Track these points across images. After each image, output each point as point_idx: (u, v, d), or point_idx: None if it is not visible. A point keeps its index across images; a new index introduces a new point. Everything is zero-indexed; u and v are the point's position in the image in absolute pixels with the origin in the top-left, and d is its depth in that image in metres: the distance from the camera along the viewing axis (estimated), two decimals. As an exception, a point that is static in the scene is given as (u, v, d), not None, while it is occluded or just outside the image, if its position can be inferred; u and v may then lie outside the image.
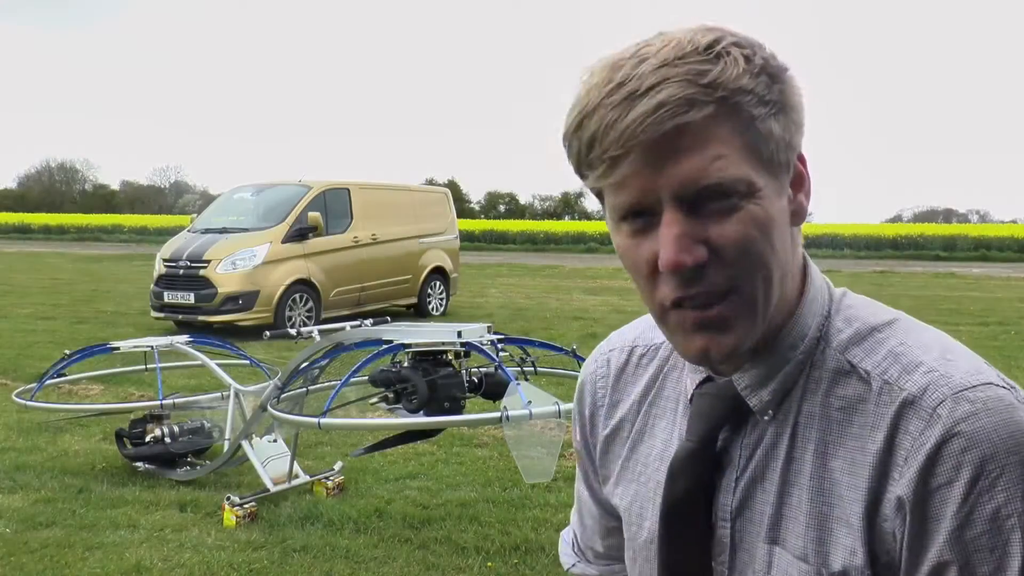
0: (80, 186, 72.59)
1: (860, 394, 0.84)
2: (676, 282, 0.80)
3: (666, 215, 0.79)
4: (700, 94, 0.75)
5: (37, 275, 20.20)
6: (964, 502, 0.77)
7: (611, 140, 0.77)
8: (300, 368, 4.20)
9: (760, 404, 0.88)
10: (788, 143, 0.81)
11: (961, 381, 0.80)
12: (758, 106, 0.77)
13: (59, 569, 3.76)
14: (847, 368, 0.85)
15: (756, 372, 0.88)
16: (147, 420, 5.07)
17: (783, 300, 0.86)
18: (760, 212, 0.79)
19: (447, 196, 14.73)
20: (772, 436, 0.88)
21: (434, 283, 13.77)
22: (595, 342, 1.10)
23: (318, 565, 3.83)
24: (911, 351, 0.84)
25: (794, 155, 0.83)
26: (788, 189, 0.84)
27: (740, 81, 0.76)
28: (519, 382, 3.46)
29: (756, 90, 0.77)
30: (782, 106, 0.80)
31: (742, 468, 0.90)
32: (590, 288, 18.90)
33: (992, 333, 11.28)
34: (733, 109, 0.77)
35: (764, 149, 0.79)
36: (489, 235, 42.06)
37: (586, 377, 1.10)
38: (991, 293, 18.22)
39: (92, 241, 41.60)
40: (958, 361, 0.83)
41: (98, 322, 12.05)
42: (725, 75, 0.76)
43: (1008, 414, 0.78)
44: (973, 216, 64.92)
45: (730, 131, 0.77)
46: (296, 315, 11.49)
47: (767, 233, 0.80)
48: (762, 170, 0.79)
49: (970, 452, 0.77)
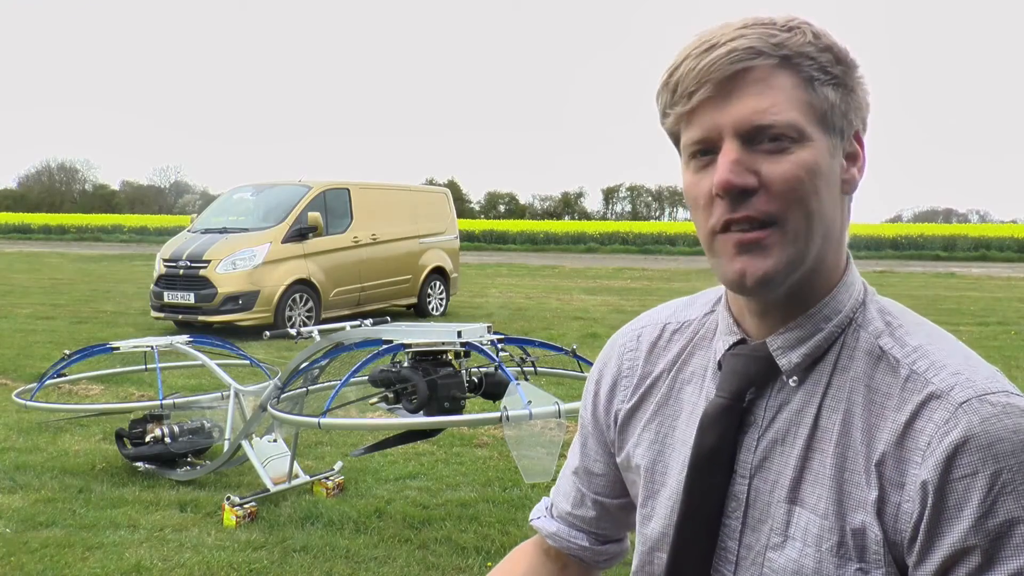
0: (80, 186, 72.61)
1: (888, 378, 0.91)
2: (726, 205, 0.90)
3: (726, 146, 0.90)
4: (768, 48, 0.89)
5: (37, 275, 20.20)
6: (988, 493, 0.83)
7: (690, 78, 0.91)
8: (300, 368, 4.20)
9: (789, 366, 0.95)
10: (844, 113, 0.92)
11: (984, 386, 0.88)
12: (818, 71, 0.90)
13: (59, 569, 3.76)
14: (878, 352, 0.93)
15: (789, 335, 0.95)
16: (147, 420, 5.07)
17: (824, 271, 0.95)
18: (808, 157, 0.89)
19: (447, 196, 14.73)
20: (799, 402, 0.95)
21: (434, 283, 13.77)
22: (595, 342, 1.12)
23: (318, 565, 3.83)
24: (938, 352, 0.92)
25: (851, 129, 0.94)
26: (841, 156, 0.94)
27: (805, 48, 0.89)
28: (519, 382, 3.46)
29: (819, 59, 0.90)
30: (842, 82, 0.91)
31: (764, 428, 0.97)
32: (590, 288, 18.90)
33: (992, 333, 11.28)
34: (795, 67, 0.90)
35: (819, 108, 0.90)
36: (489, 235, 42.07)
37: (614, 350, 1.16)
38: (991, 293, 18.21)
39: (92, 241, 41.60)
40: (979, 368, 0.91)
41: (98, 322, 12.05)
42: (792, 40, 0.89)
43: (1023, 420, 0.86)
44: (973, 216, 64.97)
45: (790, 84, 0.89)
46: (296, 315, 11.49)
47: (813, 179, 0.90)
48: (816, 124, 0.90)
49: (994, 448, 0.84)
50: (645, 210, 70.06)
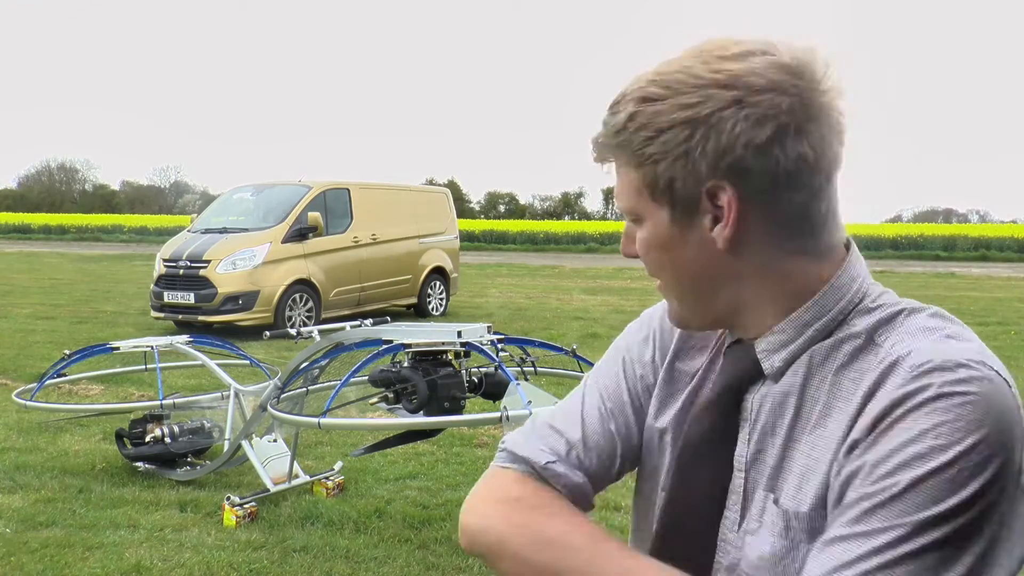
0: (80, 186, 72.60)
1: (868, 366, 0.91)
2: None
3: None
4: (604, 138, 0.98)
5: (37, 275, 20.20)
6: (903, 442, 0.83)
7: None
8: (300, 368, 4.20)
9: (771, 369, 0.98)
10: (681, 179, 0.93)
11: (954, 354, 0.86)
12: (634, 155, 0.95)
13: (59, 569, 3.76)
14: (871, 343, 0.93)
15: (773, 339, 0.98)
16: (147, 420, 5.07)
17: (783, 292, 0.97)
18: (645, 235, 0.99)
19: (447, 196, 14.73)
20: (781, 395, 0.97)
21: (434, 283, 13.77)
22: (595, 342, 1.14)
23: (318, 565, 3.83)
24: (925, 330, 0.91)
25: (699, 189, 0.93)
26: (700, 219, 0.95)
27: (619, 136, 0.95)
28: (519, 382, 3.46)
29: (632, 141, 0.94)
30: (667, 153, 0.92)
31: (754, 422, 0.98)
32: (590, 288, 18.90)
33: (992, 333, 11.27)
34: (618, 156, 0.98)
35: (649, 183, 0.95)
36: (489, 235, 42.08)
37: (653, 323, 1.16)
38: (991, 293, 18.22)
39: (92, 241, 41.60)
40: (962, 342, 0.89)
41: (98, 322, 12.05)
42: (611, 129, 0.96)
43: (984, 393, 0.83)
44: (973, 216, 64.95)
45: (626, 168, 0.97)
46: (296, 315, 11.49)
47: (655, 251, 0.99)
48: (649, 200, 0.96)
49: (933, 410, 0.82)
50: (645, 210, 69.78)
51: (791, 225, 0.94)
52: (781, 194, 0.92)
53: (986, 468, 0.81)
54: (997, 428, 0.82)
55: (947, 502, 0.81)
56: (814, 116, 0.91)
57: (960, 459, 0.81)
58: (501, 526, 1.01)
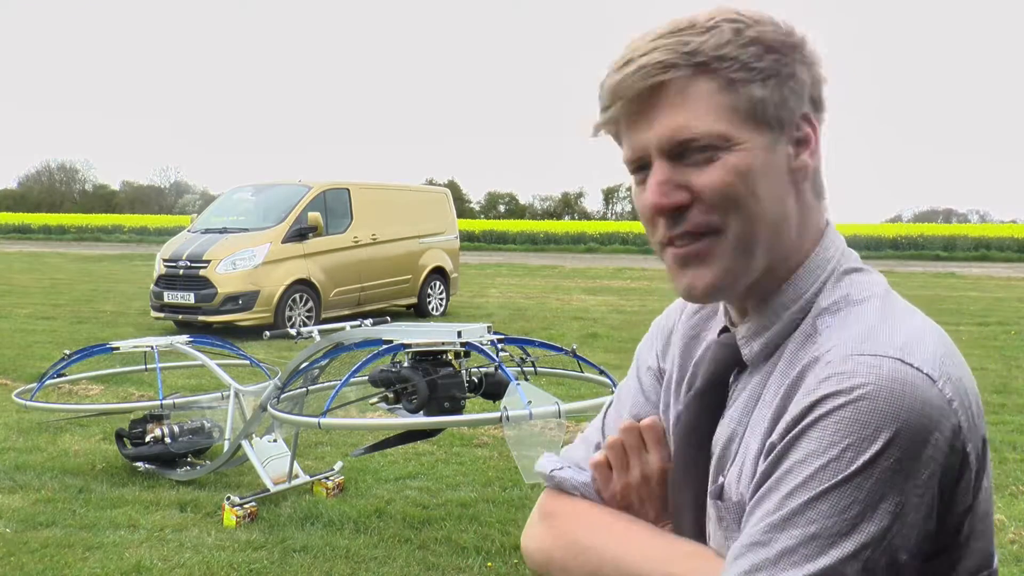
0: (80, 186, 72.59)
1: (804, 358, 0.90)
2: (665, 223, 0.92)
3: (655, 164, 0.91)
4: (679, 59, 0.88)
5: (37, 275, 20.20)
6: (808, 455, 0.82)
7: (605, 93, 0.92)
8: (300, 368, 4.21)
9: (750, 355, 0.96)
10: (781, 103, 0.89)
11: (866, 347, 0.84)
12: (742, 71, 0.88)
13: (59, 569, 3.76)
14: (815, 332, 0.92)
15: (750, 325, 0.96)
16: (147, 420, 5.07)
17: (785, 256, 0.93)
18: (738, 162, 0.88)
19: (447, 196, 14.73)
20: (754, 386, 0.96)
21: (434, 283, 13.77)
22: (595, 342, 1.13)
23: (318, 565, 3.83)
24: (861, 324, 0.88)
25: (793, 116, 0.91)
26: (787, 147, 0.91)
27: (722, 50, 0.87)
28: (519, 382, 3.46)
29: (739, 57, 0.88)
30: (774, 72, 0.89)
31: (729, 410, 0.98)
32: (590, 288, 18.90)
33: (992, 333, 11.27)
34: (712, 72, 0.88)
35: (746, 107, 0.88)
36: (489, 235, 42.06)
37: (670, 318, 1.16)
38: (991, 293, 18.22)
39: (92, 241, 41.59)
40: (882, 335, 0.86)
41: (98, 322, 12.05)
42: (708, 44, 0.88)
43: (889, 396, 0.81)
44: (973, 216, 64.87)
45: (709, 91, 0.88)
46: (296, 315, 11.49)
47: (747, 181, 0.89)
48: (744, 125, 0.89)
49: (839, 420, 0.81)
50: (645, 210, 69.78)
51: (817, 178, 0.96)
52: (819, 143, 0.94)
53: (902, 473, 0.80)
54: (907, 429, 0.80)
55: (858, 511, 0.80)
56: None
57: (870, 466, 0.80)
58: (546, 543, 1.05)
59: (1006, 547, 4.05)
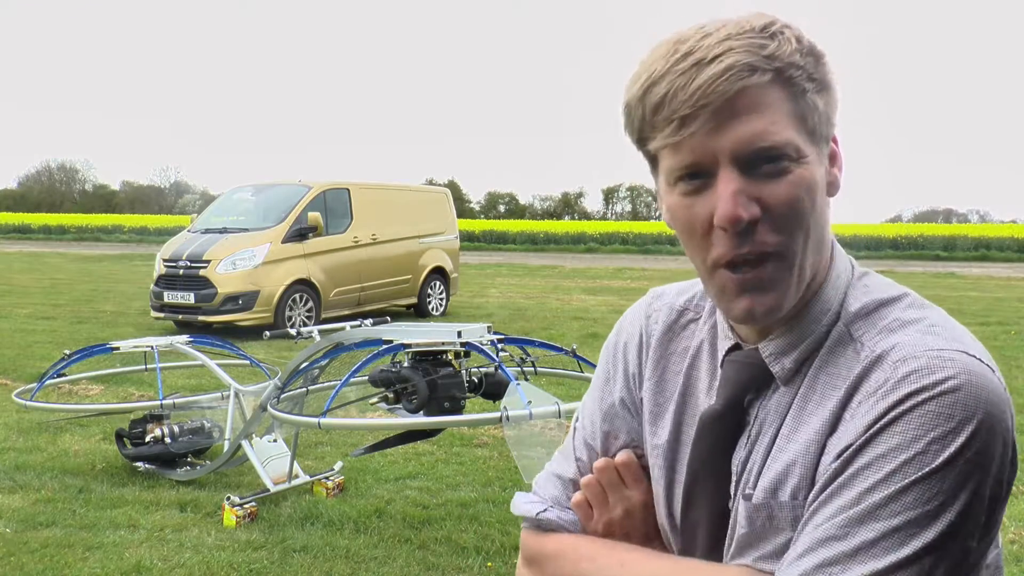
0: (80, 186, 72.59)
1: (850, 362, 0.89)
2: (729, 240, 0.86)
3: (723, 173, 0.85)
4: (761, 62, 0.83)
5: (37, 275, 20.19)
6: (895, 447, 0.82)
7: (681, 101, 0.84)
8: (300, 368, 4.20)
9: (782, 372, 0.94)
10: (828, 119, 0.89)
11: (934, 343, 0.85)
12: (807, 81, 0.86)
13: (59, 569, 3.76)
14: (848, 339, 0.91)
15: (781, 341, 0.94)
16: (147, 420, 5.07)
17: (816, 272, 0.93)
18: (807, 175, 0.87)
19: (447, 196, 14.73)
20: (779, 400, 0.95)
21: (434, 283, 13.77)
22: (595, 342, 1.11)
23: (318, 565, 3.83)
24: (903, 323, 0.89)
25: (832, 131, 0.91)
26: (826, 161, 0.91)
27: (793, 57, 0.85)
28: (519, 382, 3.46)
29: (806, 67, 0.86)
30: (825, 84, 0.88)
31: (751, 427, 0.96)
32: (590, 288, 18.90)
33: (992, 333, 11.27)
34: (787, 80, 0.85)
35: (810, 120, 0.87)
36: (489, 235, 42.06)
37: (633, 335, 1.11)
38: (991, 293, 18.22)
39: (92, 241, 41.59)
40: (941, 330, 0.87)
41: (98, 322, 12.05)
42: (781, 50, 0.84)
43: (969, 387, 0.81)
44: (973, 216, 64.88)
45: (783, 99, 0.85)
46: (296, 315, 11.49)
47: (812, 196, 0.87)
48: (808, 138, 0.87)
49: (925, 413, 0.81)
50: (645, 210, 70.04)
51: (833, 192, 0.96)
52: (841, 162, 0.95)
53: (980, 464, 0.81)
54: (988, 418, 0.81)
55: (940, 503, 0.81)
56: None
57: (955, 458, 0.81)
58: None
59: (1007, 547, 4.05)
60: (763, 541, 0.92)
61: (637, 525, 1.05)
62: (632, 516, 1.05)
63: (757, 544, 0.92)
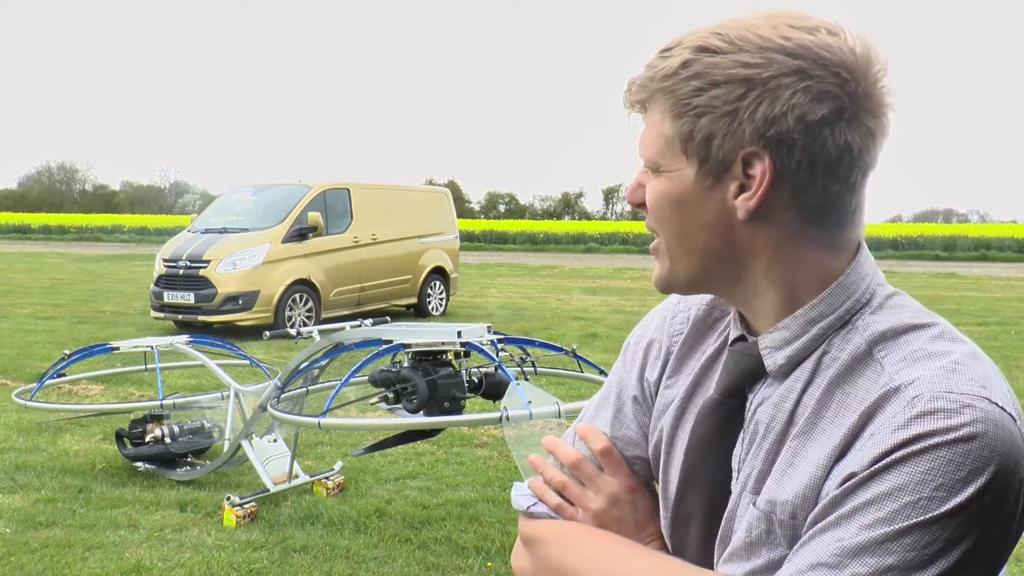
0: (80, 186, 72.60)
1: (868, 383, 0.88)
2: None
3: None
4: (645, 82, 0.93)
5: (37, 275, 20.19)
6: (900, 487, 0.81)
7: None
8: (300, 368, 4.21)
9: (774, 366, 0.95)
10: (716, 137, 0.89)
11: (956, 385, 0.83)
12: (676, 105, 0.91)
13: (59, 569, 3.76)
14: (869, 357, 0.90)
15: (777, 336, 0.95)
16: (147, 420, 5.07)
17: (792, 281, 0.94)
18: (661, 187, 0.95)
19: (447, 196, 14.74)
20: (779, 397, 0.95)
21: (434, 283, 13.77)
22: (595, 342, 1.13)
23: (318, 565, 3.83)
24: (928, 355, 0.87)
25: (734, 154, 0.89)
26: (726, 184, 0.91)
27: (665, 82, 0.91)
28: (519, 382, 3.46)
29: (680, 90, 0.90)
30: (710, 110, 0.89)
31: (748, 422, 0.97)
32: (590, 288, 18.90)
33: (992, 333, 11.26)
34: (657, 101, 0.93)
35: (682, 137, 0.92)
36: (489, 235, 42.07)
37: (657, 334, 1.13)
38: (991, 293, 18.22)
39: (92, 241, 41.58)
40: (966, 370, 0.85)
41: (98, 322, 12.05)
42: (658, 72, 0.92)
43: (985, 438, 0.80)
44: (973, 216, 64.92)
45: (659, 116, 0.93)
46: (296, 315, 11.49)
47: (666, 206, 0.95)
48: (678, 155, 0.92)
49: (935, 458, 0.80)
50: (645, 210, 69.70)
51: (818, 213, 0.91)
52: (817, 179, 0.89)
53: (986, 518, 0.80)
54: (1001, 472, 0.80)
55: (938, 548, 0.79)
56: (870, 109, 0.88)
57: (961, 509, 0.79)
58: (528, 567, 1.10)
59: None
60: (755, 555, 0.92)
61: (627, 513, 1.06)
62: (618, 503, 1.07)
63: (750, 556, 0.92)
